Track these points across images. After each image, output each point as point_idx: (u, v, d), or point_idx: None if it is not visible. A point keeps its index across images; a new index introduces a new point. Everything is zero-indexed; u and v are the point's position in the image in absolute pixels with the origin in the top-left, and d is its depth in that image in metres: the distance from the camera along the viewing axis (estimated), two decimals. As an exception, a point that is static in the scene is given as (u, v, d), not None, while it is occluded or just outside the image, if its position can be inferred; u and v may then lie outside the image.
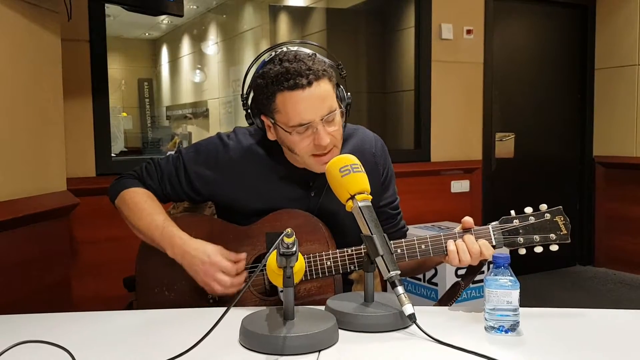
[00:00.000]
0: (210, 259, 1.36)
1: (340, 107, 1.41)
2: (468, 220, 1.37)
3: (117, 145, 5.06)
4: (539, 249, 1.34)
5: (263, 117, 1.42)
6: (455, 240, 1.34)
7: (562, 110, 4.77)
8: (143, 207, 1.48)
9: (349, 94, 1.46)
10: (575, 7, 4.71)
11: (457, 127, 4.09)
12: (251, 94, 1.44)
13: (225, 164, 1.51)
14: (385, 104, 4.40)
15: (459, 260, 1.33)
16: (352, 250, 1.38)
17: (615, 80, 4.58)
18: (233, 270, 1.37)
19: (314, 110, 1.34)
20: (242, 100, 1.46)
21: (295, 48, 1.40)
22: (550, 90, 4.71)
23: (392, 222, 1.62)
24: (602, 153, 4.71)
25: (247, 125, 1.59)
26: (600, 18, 4.69)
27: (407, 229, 1.67)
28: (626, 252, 4.56)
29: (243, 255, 1.40)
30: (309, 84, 1.32)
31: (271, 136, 1.44)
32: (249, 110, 1.46)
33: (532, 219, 1.34)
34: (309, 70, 1.33)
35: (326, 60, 1.40)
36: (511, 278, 1.14)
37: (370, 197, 1.24)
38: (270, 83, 1.34)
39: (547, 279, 4.53)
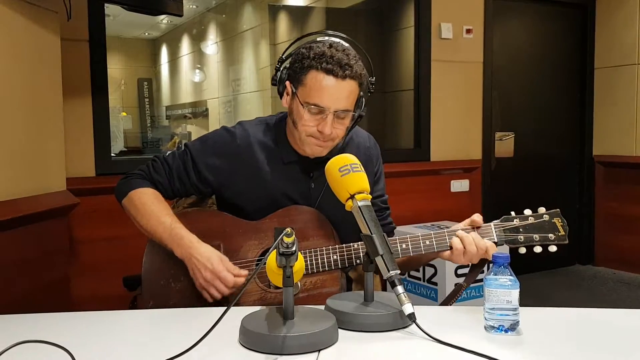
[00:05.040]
0: (212, 267, 1.39)
1: (355, 112, 1.47)
2: (477, 218, 1.41)
3: (117, 145, 5.07)
4: (538, 249, 1.39)
5: (287, 83, 1.48)
6: (462, 237, 1.37)
7: (562, 110, 4.77)
8: (151, 208, 1.51)
9: (365, 108, 1.50)
10: (575, 7, 4.71)
11: (456, 127, 4.09)
12: (288, 61, 1.50)
13: (233, 151, 1.55)
14: (385, 103, 4.40)
15: (464, 255, 1.36)
16: (357, 245, 1.43)
17: (615, 79, 4.58)
18: (231, 283, 1.39)
19: (334, 100, 1.41)
20: (277, 61, 1.52)
21: (347, 45, 1.47)
22: (550, 89, 4.71)
23: (381, 215, 1.64)
24: (602, 152, 4.71)
25: (248, 120, 1.64)
26: (600, 17, 4.68)
27: (395, 227, 1.71)
28: (626, 251, 4.56)
29: (244, 272, 1.42)
30: (343, 77, 1.40)
31: (285, 103, 1.51)
32: (278, 72, 1.51)
33: (531, 219, 1.40)
34: (349, 66, 1.40)
35: (365, 69, 1.47)
36: (511, 277, 1.14)
37: (370, 196, 1.25)
38: (311, 57, 1.41)
39: (547, 279, 4.53)
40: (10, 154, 1.99)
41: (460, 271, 3.20)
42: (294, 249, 1.06)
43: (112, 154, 3.34)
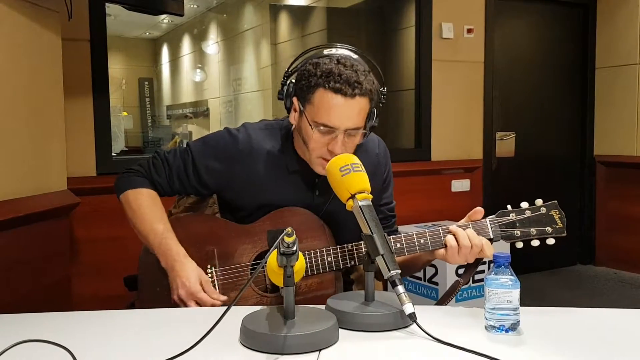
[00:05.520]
0: (189, 286, 1.38)
1: (365, 129, 1.43)
2: (479, 210, 1.40)
3: (118, 145, 5.07)
4: (535, 243, 1.36)
5: (295, 100, 1.44)
6: (455, 232, 1.35)
7: (563, 109, 4.77)
8: (145, 211, 1.50)
9: (378, 119, 1.47)
10: (576, 6, 4.71)
11: (457, 126, 4.09)
12: (295, 75, 1.45)
13: (234, 156, 1.52)
14: (386, 102, 4.38)
15: (459, 252, 1.34)
16: (351, 246, 1.41)
17: (616, 79, 4.57)
18: (208, 304, 1.38)
19: (344, 120, 1.36)
20: (284, 75, 1.48)
21: (356, 56, 1.42)
22: (551, 89, 4.71)
23: (386, 223, 1.63)
24: (603, 152, 4.71)
25: (252, 122, 1.61)
26: (601, 17, 4.68)
27: (400, 234, 1.68)
28: (627, 251, 4.56)
29: (223, 298, 1.41)
30: (352, 96, 1.35)
31: (293, 120, 1.46)
32: (284, 86, 1.47)
33: (528, 213, 1.38)
34: (359, 83, 1.35)
35: (375, 81, 1.42)
36: (512, 277, 1.14)
37: (371, 196, 1.24)
38: (319, 75, 1.36)
39: (548, 278, 4.53)
40: (11, 154, 1.99)
41: (461, 271, 3.20)
42: (294, 248, 1.06)
43: (113, 154, 3.35)
